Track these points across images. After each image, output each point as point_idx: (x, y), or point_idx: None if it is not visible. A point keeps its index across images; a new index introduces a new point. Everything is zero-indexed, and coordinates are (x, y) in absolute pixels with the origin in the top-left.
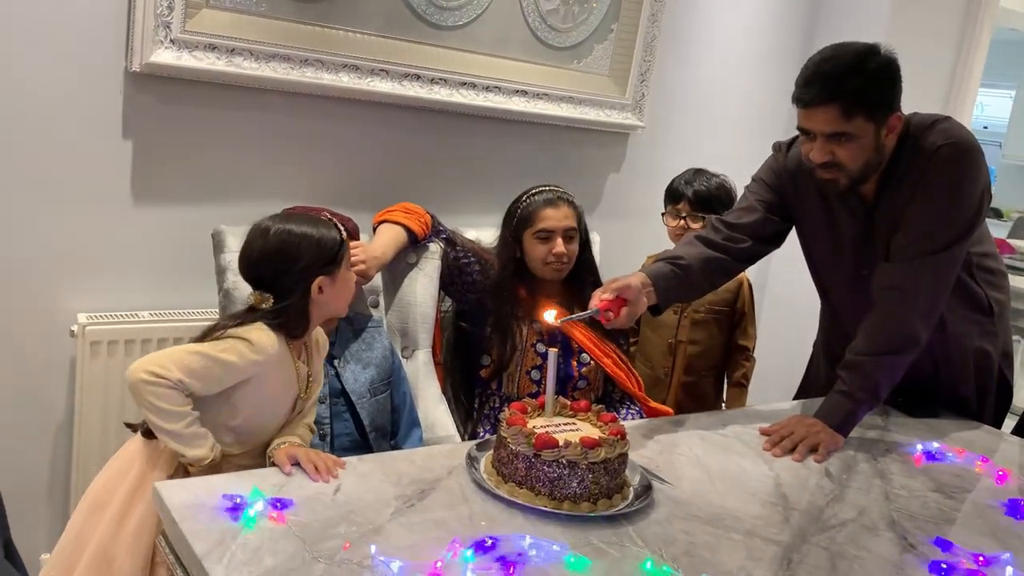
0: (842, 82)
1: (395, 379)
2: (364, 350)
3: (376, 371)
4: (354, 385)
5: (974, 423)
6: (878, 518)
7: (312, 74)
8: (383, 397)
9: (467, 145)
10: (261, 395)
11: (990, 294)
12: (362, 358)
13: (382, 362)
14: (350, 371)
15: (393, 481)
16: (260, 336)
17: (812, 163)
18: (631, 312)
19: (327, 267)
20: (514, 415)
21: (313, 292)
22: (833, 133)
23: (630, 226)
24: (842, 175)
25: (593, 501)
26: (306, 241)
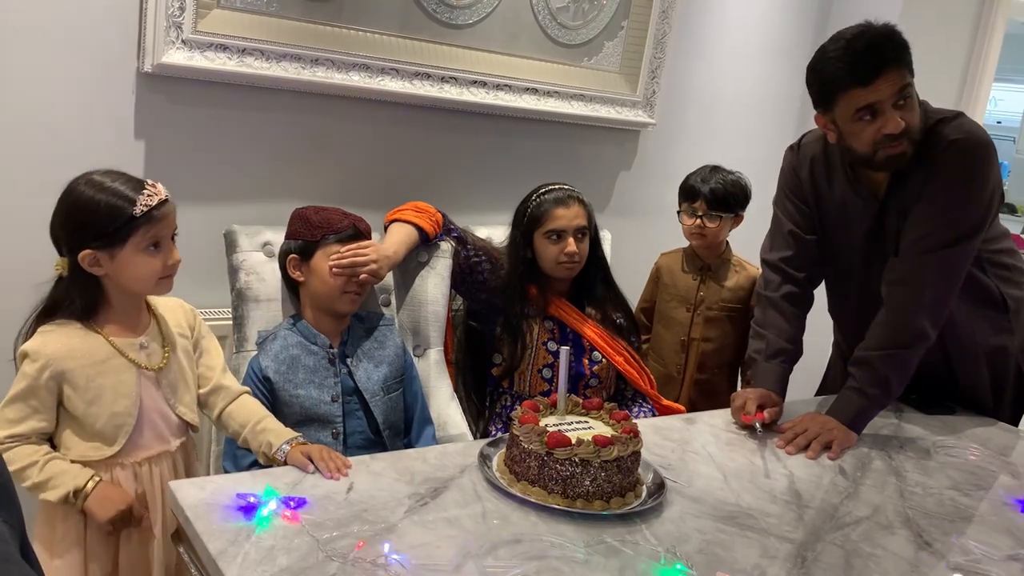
0: (890, 46)
1: (407, 377)
2: (376, 348)
3: (389, 369)
4: (367, 383)
5: (989, 420)
6: (893, 516)
7: (323, 73)
8: (396, 395)
9: (478, 143)
10: (89, 393)
11: (1005, 290)
12: (374, 356)
13: (394, 360)
14: (363, 369)
15: (406, 480)
16: (33, 344)
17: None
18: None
19: (101, 240)
20: (526, 413)
21: (82, 262)
22: (901, 88)
23: (641, 223)
24: (907, 144)
25: (606, 499)
26: (90, 205)
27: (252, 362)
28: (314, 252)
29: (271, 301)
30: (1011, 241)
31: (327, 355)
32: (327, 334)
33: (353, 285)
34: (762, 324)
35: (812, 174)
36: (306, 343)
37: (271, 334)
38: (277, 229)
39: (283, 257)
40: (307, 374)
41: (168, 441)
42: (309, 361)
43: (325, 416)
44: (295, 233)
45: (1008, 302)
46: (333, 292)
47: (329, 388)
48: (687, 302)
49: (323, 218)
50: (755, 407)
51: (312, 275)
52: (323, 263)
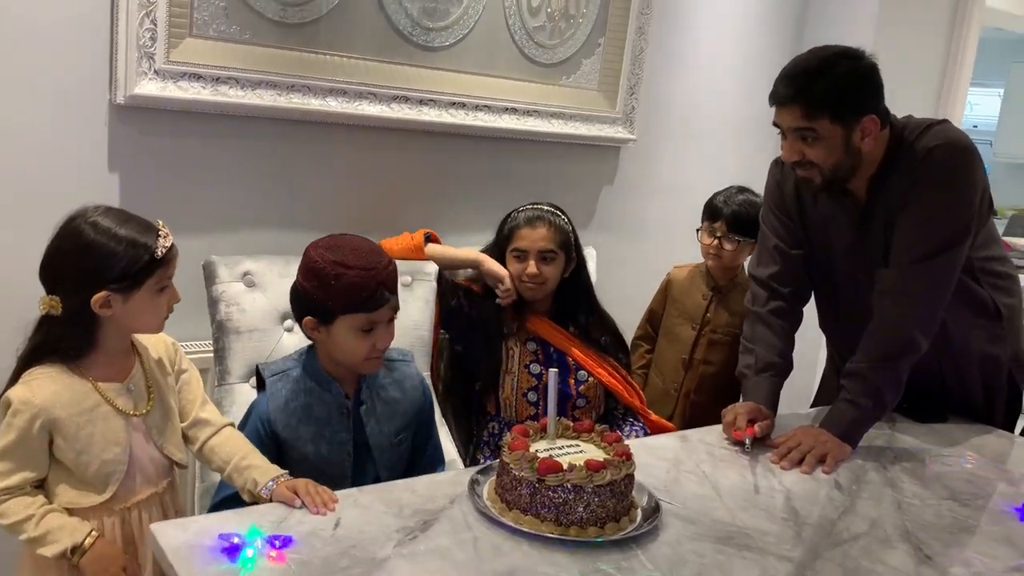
0: (806, 84)
1: (425, 420)
2: (394, 392)
3: (402, 419)
4: (378, 438)
5: (984, 427)
6: (891, 530)
7: (299, 100)
8: (405, 447)
9: (459, 164)
10: (79, 443)
11: (997, 298)
12: (391, 403)
13: (411, 405)
14: (374, 423)
15: (395, 512)
16: (21, 394)
17: (785, 162)
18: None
19: (119, 283)
20: (516, 439)
21: (94, 304)
22: (798, 129)
23: (626, 239)
24: (815, 173)
25: (600, 525)
26: (106, 247)
27: (258, 409)
28: (334, 320)
29: (253, 332)
30: (1002, 247)
31: (340, 406)
32: (342, 381)
33: (380, 351)
34: (751, 339)
35: (796, 187)
36: (319, 389)
37: (280, 373)
38: (257, 258)
39: (298, 310)
40: (319, 427)
41: (157, 483)
42: (321, 412)
43: (336, 474)
44: (312, 293)
45: (1001, 310)
46: (356, 359)
47: (341, 444)
48: (693, 321)
49: (346, 285)
50: (745, 422)
51: (332, 340)
52: (345, 333)
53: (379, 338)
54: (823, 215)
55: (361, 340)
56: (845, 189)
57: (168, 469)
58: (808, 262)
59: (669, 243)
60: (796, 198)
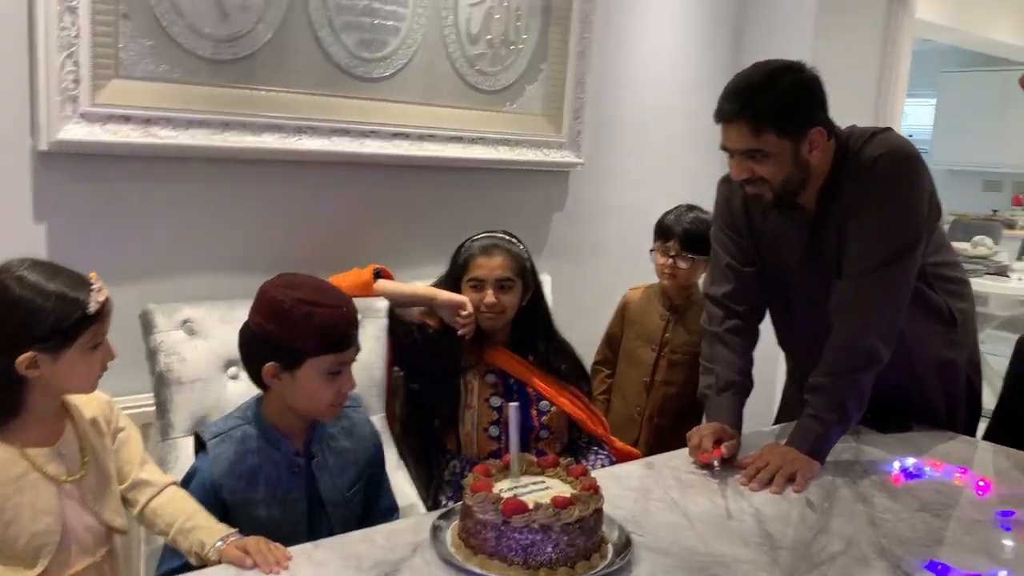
0: (751, 99)
1: (377, 468)
2: (344, 440)
3: (355, 470)
4: (331, 493)
5: (947, 433)
6: (867, 547)
7: (235, 138)
8: (359, 499)
9: (406, 196)
10: (6, 514)
11: (951, 304)
12: (342, 453)
13: (363, 454)
14: (327, 477)
15: (353, 567)
16: None
17: (735, 180)
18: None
19: (48, 342)
20: (478, 480)
21: (19, 365)
22: (746, 150)
23: (580, 264)
24: (765, 189)
25: (571, 565)
26: (33, 303)
27: (201, 472)
28: (302, 363)
29: (196, 382)
30: (952, 253)
31: (291, 464)
32: (292, 435)
33: (344, 397)
34: (710, 359)
35: (745, 204)
36: (269, 449)
37: (222, 434)
38: (196, 305)
39: (255, 356)
40: (270, 489)
41: (94, 552)
42: (271, 471)
43: (289, 534)
44: (276, 335)
45: (956, 316)
46: (320, 406)
47: (295, 503)
48: (652, 342)
49: (317, 325)
50: (711, 443)
51: (296, 386)
52: (312, 377)
53: (344, 382)
54: (774, 231)
55: (327, 384)
56: (795, 203)
57: (107, 537)
58: (762, 279)
59: (623, 265)
60: (745, 214)
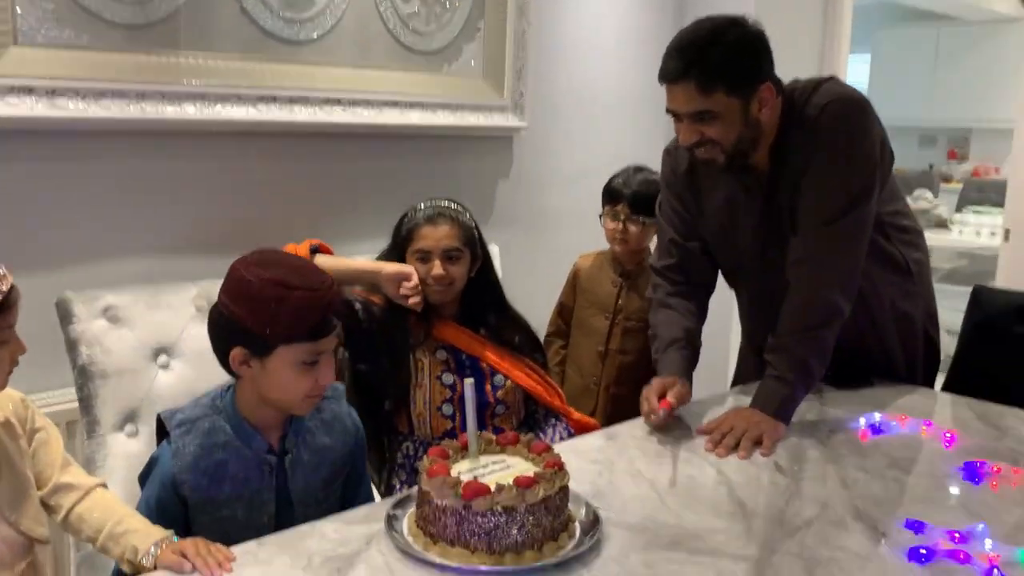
0: (696, 56)
1: (357, 464)
2: (323, 436)
3: (331, 468)
4: (303, 493)
5: (908, 387)
6: (842, 509)
7: (152, 108)
8: (333, 499)
9: (342, 166)
10: None
11: (907, 254)
12: (319, 450)
13: (342, 450)
14: (300, 476)
15: (303, 565)
16: None
17: (684, 145)
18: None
19: None
20: (435, 463)
21: None
22: (696, 113)
23: (529, 233)
24: (717, 151)
25: (538, 548)
26: None
27: (162, 463)
28: (272, 351)
29: (123, 374)
30: (905, 203)
31: (262, 462)
32: (266, 429)
33: (322, 388)
34: (654, 325)
35: (690, 173)
36: (239, 444)
37: (188, 424)
38: (119, 291)
39: (223, 341)
40: (236, 487)
41: (12, 566)
42: (239, 470)
43: (252, 538)
44: (244, 320)
45: (911, 266)
46: (294, 398)
47: (262, 504)
48: (605, 310)
49: (290, 309)
50: (656, 399)
51: (267, 376)
52: (285, 367)
53: (322, 373)
54: (725, 197)
55: (303, 375)
56: (747, 165)
57: (27, 548)
58: (714, 248)
59: (573, 232)
60: (691, 186)
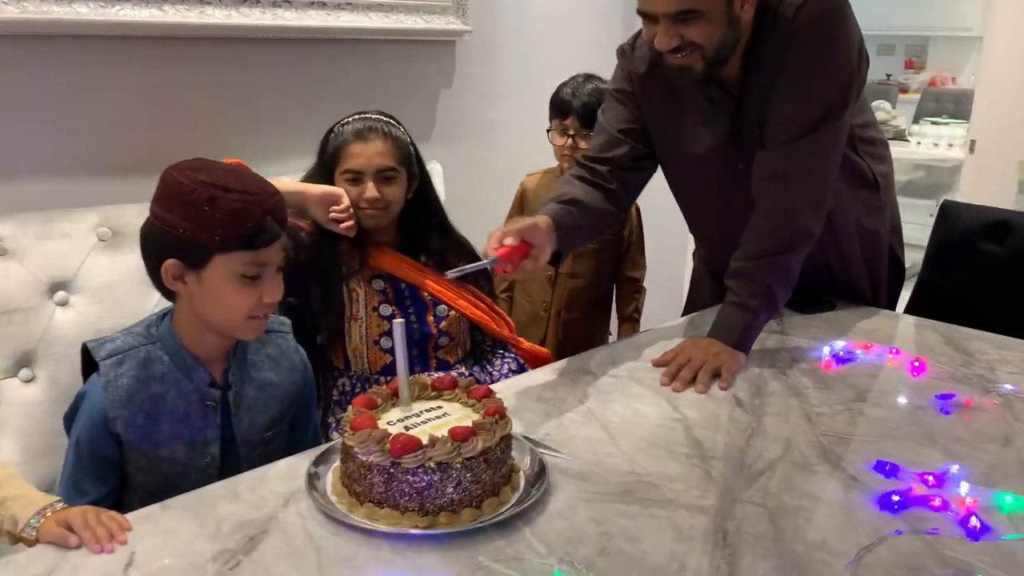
0: None
1: (304, 405)
2: (269, 371)
3: (279, 407)
4: (248, 432)
5: (871, 309)
6: (807, 449)
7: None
8: (280, 441)
9: (262, 76)
10: None
11: (874, 167)
12: (265, 386)
13: (290, 390)
14: (244, 414)
15: (210, 532)
16: None
17: (660, 50)
18: (534, 261)
19: None
20: (360, 415)
21: None
22: (677, 12)
23: (473, 149)
24: (696, 58)
25: (476, 505)
26: None
27: (91, 398)
28: (208, 262)
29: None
30: (872, 113)
31: (204, 396)
32: (208, 361)
33: (268, 308)
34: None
35: (650, 75)
36: (178, 376)
37: (120, 354)
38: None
39: (155, 253)
40: (175, 425)
41: None
42: (179, 404)
43: (195, 482)
44: (177, 226)
45: (879, 180)
46: (236, 318)
47: (205, 444)
48: None
49: (226, 212)
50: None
51: (204, 291)
52: (223, 280)
53: (267, 289)
54: (686, 108)
55: (244, 291)
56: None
57: None
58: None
59: (523, 148)
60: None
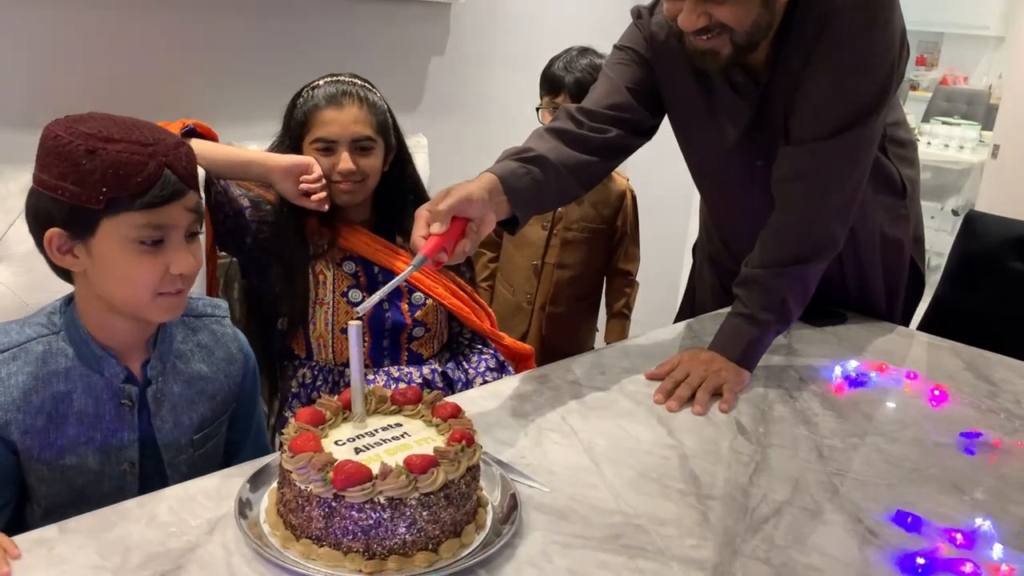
0: None
1: (246, 401)
2: (199, 363)
3: (210, 405)
4: (172, 435)
5: (886, 325)
6: (818, 492)
7: None
8: (215, 443)
9: (229, 32)
10: None
11: (903, 171)
12: (193, 380)
13: (224, 384)
14: (168, 412)
15: (115, 564)
16: None
17: (684, 31)
18: (474, 238)
19: None
20: (302, 432)
21: None
22: None
23: (462, 122)
24: (724, 41)
25: (432, 548)
26: None
27: None
28: (95, 228)
29: None
30: (903, 110)
31: (118, 393)
32: (123, 352)
33: (179, 281)
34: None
35: (665, 46)
36: (85, 371)
37: (15, 348)
38: None
39: (37, 223)
40: (83, 428)
41: None
42: (87, 404)
43: (110, 497)
44: (56, 187)
45: (906, 185)
46: (141, 295)
47: (120, 449)
48: (542, 219)
49: (108, 163)
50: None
51: (98, 266)
52: (118, 249)
53: (174, 258)
54: (705, 91)
55: (145, 262)
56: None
57: None
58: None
59: (515, 126)
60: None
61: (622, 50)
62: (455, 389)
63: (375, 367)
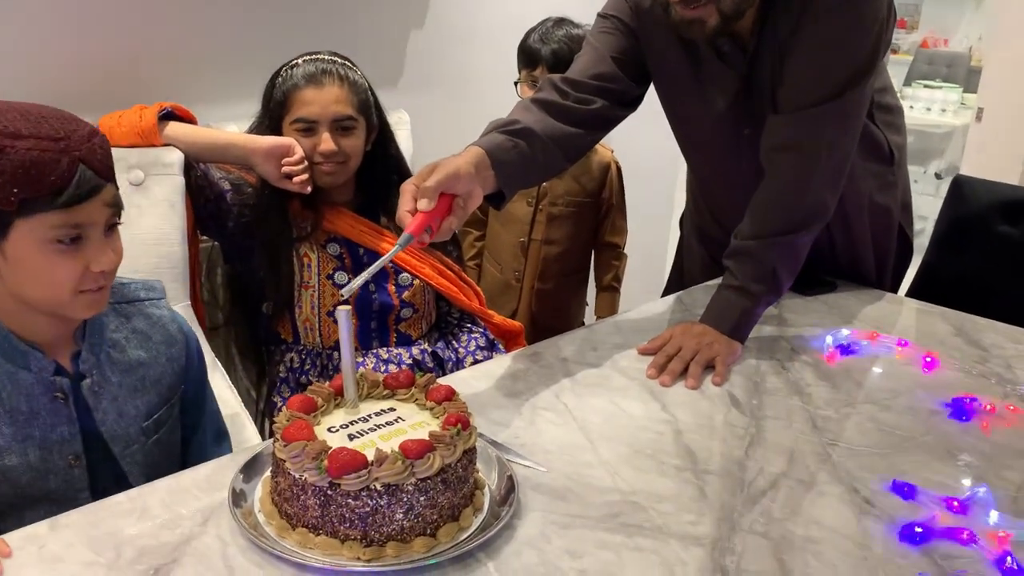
0: None
1: (192, 384)
2: (136, 349)
3: (155, 391)
4: (117, 426)
5: (875, 292)
6: (814, 463)
7: None
8: (168, 430)
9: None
10: None
11: (890, 138)
12: (131, 368)
13: (168, 367)
14: (109, 404)
15: (108, 559)
16: None
17: (669, 0)
18: (461, 214)
19: None
20: (294, 420)
21: None
22: None
23: (445, 97)
24: (711, 10)
25: (431, 533)
26: None
27: None
28: (8, 230)
29: None
30: (889, 76)
31: (49, 386)
32: (49, 346)
33: (101, 278)
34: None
35: (649, 12)
36: (11, 368)
37: None
38: None
39: None
40: (17, 426)
41: None
42: (19, 402)
43: (61, 493)
44: None
45: (894, 152)
46: (60, 295)
47: (61, 444)
48: (528, 195)
49: (18, 164)
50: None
51: (13, 268)
52: (33, 251)
53: (94, 255)
54: (690, 59)
55: (63, 261)
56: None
57: None
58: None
59: (498, 100)
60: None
61: (606, 18)
62: (446, 369)
63: (364, 349)
